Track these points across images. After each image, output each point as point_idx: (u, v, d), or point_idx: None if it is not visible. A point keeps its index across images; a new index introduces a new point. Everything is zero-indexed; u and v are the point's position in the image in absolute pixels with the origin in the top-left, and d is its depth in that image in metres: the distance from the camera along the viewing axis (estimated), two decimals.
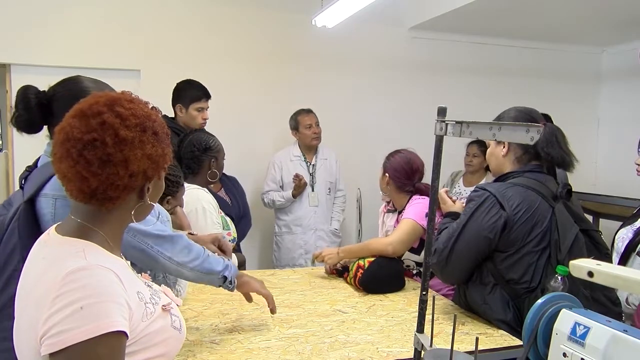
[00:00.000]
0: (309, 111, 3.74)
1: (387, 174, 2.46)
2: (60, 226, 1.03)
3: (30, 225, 1.30)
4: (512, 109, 1.92)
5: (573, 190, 1.81)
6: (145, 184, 1.00)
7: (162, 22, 3.84)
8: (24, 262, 1.04)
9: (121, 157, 0.93)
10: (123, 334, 0.90)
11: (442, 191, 2.11)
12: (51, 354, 0.86)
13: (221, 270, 1.57)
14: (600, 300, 1.71)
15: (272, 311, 1.69)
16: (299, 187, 3.63)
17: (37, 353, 0.89)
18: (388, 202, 2.61)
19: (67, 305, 0.86)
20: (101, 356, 0.87)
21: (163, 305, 1.04)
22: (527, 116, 1.86)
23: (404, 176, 2.43)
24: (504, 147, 1.89)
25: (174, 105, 3.10)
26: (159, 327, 1.01)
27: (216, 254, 1.73)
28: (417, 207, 2.34)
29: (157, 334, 1.00)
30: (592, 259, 0.93)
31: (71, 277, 0.88)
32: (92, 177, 0.93)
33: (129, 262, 1.10)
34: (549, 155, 1.80)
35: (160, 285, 1.18)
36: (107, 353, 0.87)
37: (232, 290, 1.62)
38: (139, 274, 1.12)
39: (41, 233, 1.07)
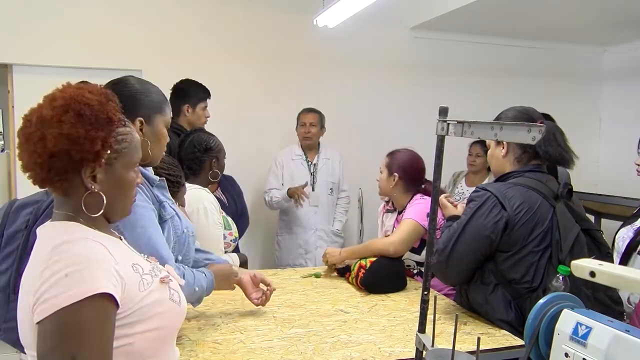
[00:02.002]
0: (308, 110, 3.76)
1: (395, 174, 2.43)
2: (53, 216, 1.07)
3: None
4: (510, 109, 1.91)
5: (574, 190, 1.81)
6: (79, 167, 0.98)
7: (163, 22, 3.85)
8: None
9: (39, 134, 0.95)
10: (109, 296, 0.91)
11: (441, 197, 2.09)
12: (39, 322, 0.89)
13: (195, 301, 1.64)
14: (602, 300, 1.70)
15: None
16: (296, 190, 3.59)
17: (33, 324, 0.92)
18: (387, 202, 2.60)
19: (53, 275, 0.89)
20: (87, 319, 0.89)
21: (161, 278, 1.06)
22: (526, 116, 1.86)
23: (413, 175, 2.42)
24: (503, 147, 1.88)
25: (179, 106, 3.10)
26: (156, 298, 1.02)
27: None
28: (418, 207, 2.34)
29: (155, 306, 1.01)
30: (594, 258, 0.93)
31: (56, 250, 0.92)
32: (21, 154, 0.98)
33: (123, 239, 1.12)
34: (547, 153, 1.80)
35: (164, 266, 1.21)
36: (93, 315, 0.89)
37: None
38: (146, 256, 1.15)
39: None
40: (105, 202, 1.02)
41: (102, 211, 1.02)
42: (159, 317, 1.02)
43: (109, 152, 1.01)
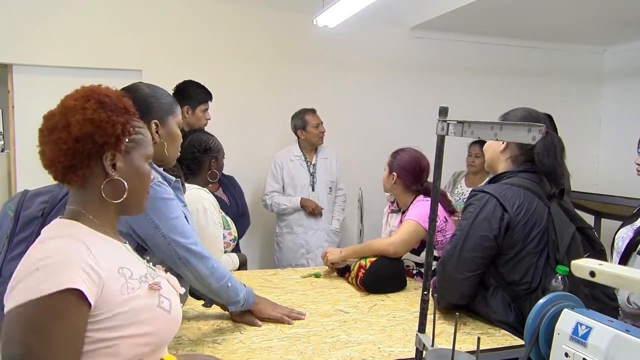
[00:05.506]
0: (314, 111, 3.76)
1: (394, 173, 2.42)
2: (64, 212, 1.09)
3: None
4: (519, 109, 1.89)
5: (574, 190, 1.80)
6: (101, 153, 1.03)
7: (163, 22, 3.85)
8: None
9: (64, 122, 1.00)
10: (79, 292, 0.91)
11: None
12: (8, 311, 0.90)
13: (231, 302, 1.66)
14: (598, 297, 1.70)
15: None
16: (315, 207, 3.69)
17: None
18: (392, 202, 2.60)
19: (26, 268, 0.92)
20: (52, 313, 0.89)
21: (150, 284, 1.06)
22: (532, 119, 1.83)
23: (413, 175, 2.40)
24: (503, 142, 1.88)
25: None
26: (143, 304, 1.03)
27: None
28: (420, 209, 2.32)
29: (141, 311, 1.02)
30: (587, 256, 0.93)
31: (37, 246, 0.96)
32: (44, 145, 1.02)
33: (126, 244, 1.13)
34: (541, 163, 1.77)
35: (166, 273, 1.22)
36: (59, 310, 0.89)
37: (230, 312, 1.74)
38: (154, 265, 1.17)
39: None
40: (127, 187, 1.06)
41: (125, 196, 1.06)
42: (146, 324, 1.02)
43: (127, 140, 1.06)
